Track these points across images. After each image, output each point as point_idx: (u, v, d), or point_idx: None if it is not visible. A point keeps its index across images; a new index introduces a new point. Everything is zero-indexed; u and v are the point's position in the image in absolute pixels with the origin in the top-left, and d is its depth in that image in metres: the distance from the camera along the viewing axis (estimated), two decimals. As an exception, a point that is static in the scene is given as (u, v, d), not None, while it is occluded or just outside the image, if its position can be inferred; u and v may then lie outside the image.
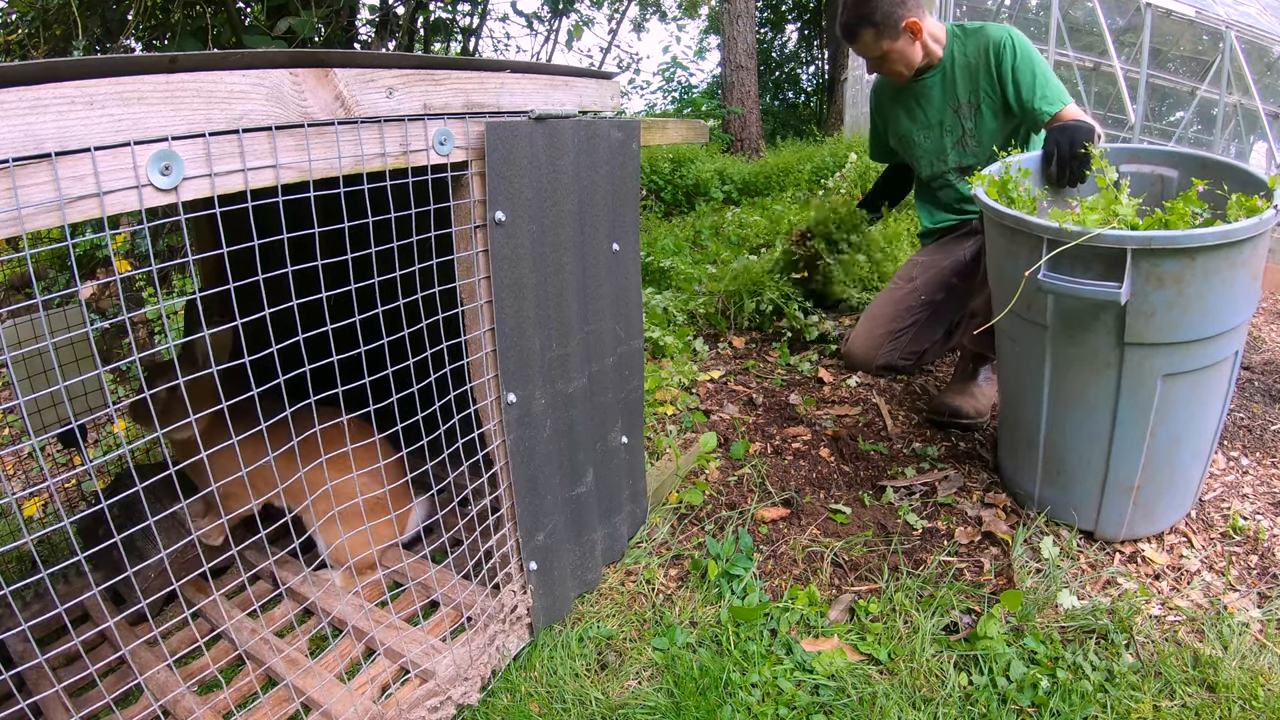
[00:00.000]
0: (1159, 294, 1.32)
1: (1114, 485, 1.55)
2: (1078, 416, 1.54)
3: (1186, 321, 1.35)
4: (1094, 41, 4.45)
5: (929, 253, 2.48)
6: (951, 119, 2.27)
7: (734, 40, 7.31)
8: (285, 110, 0.86)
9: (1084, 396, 1.51)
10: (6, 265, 2.30)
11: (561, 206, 1.26)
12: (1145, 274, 1.31)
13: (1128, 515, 1.57)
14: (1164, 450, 1.50)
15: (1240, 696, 1.21)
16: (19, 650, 1.37)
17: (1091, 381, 1.48)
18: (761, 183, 5.72)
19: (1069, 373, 1.51)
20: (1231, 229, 1.26)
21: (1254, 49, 4.19)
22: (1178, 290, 1.32)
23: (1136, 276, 1.31)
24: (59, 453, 2.11)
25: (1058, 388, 1.55)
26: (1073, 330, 1.45)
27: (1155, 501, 1.57)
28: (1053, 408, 1.57)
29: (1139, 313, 1.35)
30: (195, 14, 2.97)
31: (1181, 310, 1.34)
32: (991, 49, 2.11)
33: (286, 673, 1.26)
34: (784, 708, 1.27)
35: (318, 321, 1.01)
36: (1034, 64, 2.06)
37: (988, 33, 2.14)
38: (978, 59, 2.16)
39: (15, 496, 1.94)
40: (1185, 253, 1.28)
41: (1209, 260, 1.29)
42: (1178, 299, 1.33)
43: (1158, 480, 1.54)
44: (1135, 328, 1.37)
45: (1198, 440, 1.54)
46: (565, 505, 1.43)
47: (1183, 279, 1.30)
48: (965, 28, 2.20)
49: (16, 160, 0.66)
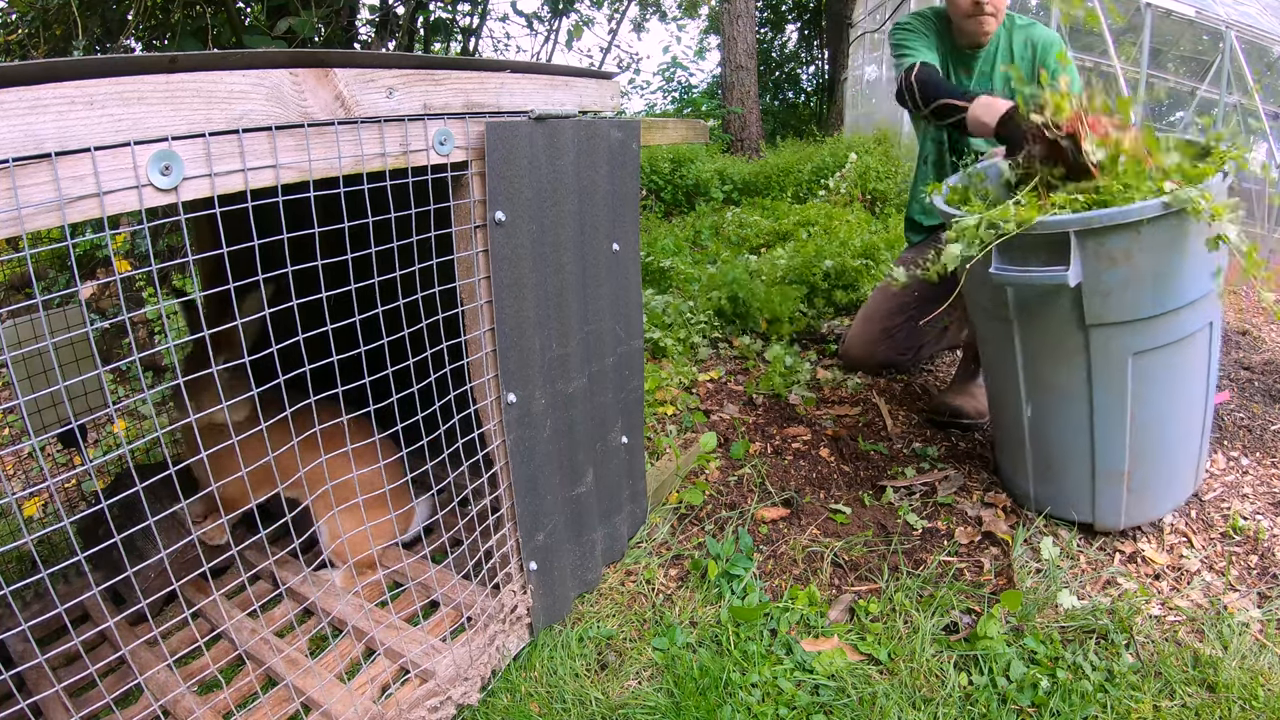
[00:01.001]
0: (1111, 273, 1.33)
1: (1103, 473, 1.55)
2: (1056, 406, 1.55)
3: (1145, 297, 1.35)
4: (1094, 41, 4.45)
5: (918, 249, 2.48)
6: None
7: (734, 40, 7.32)
8: (285, 110, 0.86)
9: (1058, 385, 1.52)
10: (6, 265, 2.30)
11: (561, 206, 1.26)
12: (1094, 254, 1.32)
13: (1123, 502, 1.56)
14: (1148, 432, 1.50)
15: (1240, 696, 1.21)
16: (19, 650, 1.37)
17: (1063, 369, 1.49)
18: (761, 183, 5.73)
19: (1040, 363, 1.52)
20: (1170, 199, 1.25)
21: (1254, 49, 4.19)
22: (1129, 267, 1.32)
23: (1085, 258, 1.32)
24: (59, 453, 2.11)
25: (1033, 380, 1.56)
26: (1035, 320, 1.47)
27: (1150, 485, 1.56)
28: (1032, 401, 1.58)
29: (1095, 293, 1.36)
30: (195, 14, 2.97)
31: (1137, 286, 1.34)
32: (1041, 47, 2.07)
33: (286, 673, 1.26)
34: (784, 708, 1.27)
35: (318, 321, 1.01)
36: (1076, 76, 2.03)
37: (1040, 31, 2.10)
38: (1023, 53, 2.11)
39: (15, 496, 1.94)
40: (1129, 228, 1.28)
41: (1155, 233, 1.29)
42: (1131, 275, 1.33)
43: (1148, 463, 1.53)
44: (1094, 309, 1.37)
45: (1184, 419, 1.53)
46: (565, 505, 1.43)
47: (1131, 254, 1.31)
48: (1016, 20, 2.14)
49: (16, 160, 0.66)
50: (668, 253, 3.74)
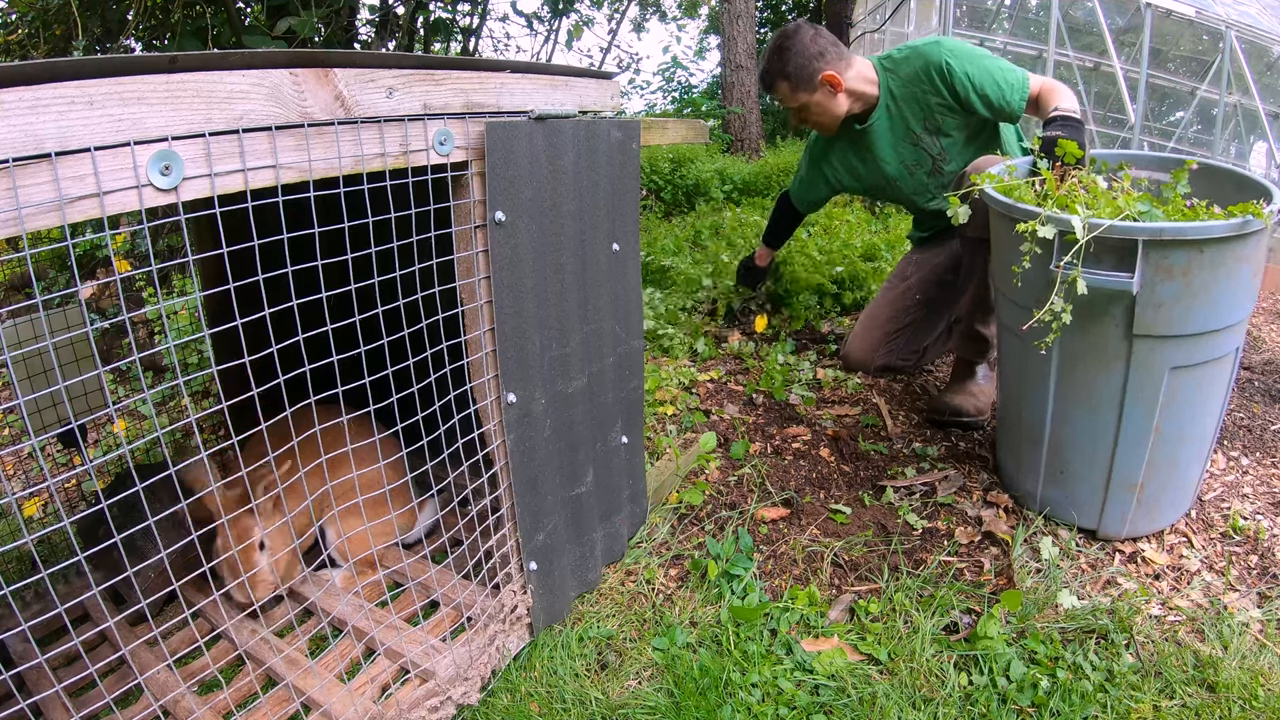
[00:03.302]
0: (1167, 285, 1.35)
1: (1118, 483, 1.55)
2: (1084, 412, 1.54)
3: (1194, 314, 1.38)
4: (1094, 41, 4.45)
5: (922, 250, 2.48)
6: (912, 153, 2.19)
7: (734, 40, 7.31)
8: (285, 110, 0.86)
9: (1091, 391, 1.52)
10: (6, 265, 2.30)
11: (561, 206, 1.26)
12: (1154, 265, 1.34)
13: (1131, 513, 1.57)
14: (1168, 447, 1.51)
15: (1240, 696, 1.21)
16: (19, 650, 1.37)
17: (1100, 375, 1.49)
18: (762, 183, 5.72)
19: (1077, 367, 1.52)
20: (1240, 222, 1.30)
21: (1254, 49, 4.19)
22: (1185, 282, 1.35)
23: (1146, 268, 1.34)
24: (59, 453, 2.11)
25: (1065, 383, 1.55)
26: (1083, 322, 1.47)
27: (1158, 499, 1.57)
28: (1059, 404, 1.58)
29: (1148, 304, 1.37)
30: (195, 14, 2.97)
31: (1189, 302, 1.37)
32: (933, 70, 2.02)
33: (286, 673, 1.26)
34: (784, 708, 1.27)
35: (318, 322, 1.01)
36: (984, 66, 1.98)
37: (921, 53, 2.05)
38: (918, 84, 2.07)
39: (15, 496, 1.94)
40: (1194, 244, 1.32)
41: (1216, 253, 1.33)
42: (1185, 291, 1.35)
43: (1160, 478, 1.54)
44: (1144, 319, 1.39)
45: (1200, 438, 1.55)
46: (565, 505, 1.43)
47: (1190, 271, 1.34)
48: (893, 57, 2.11)
49: (16, 160, 0.66)
50: (668, 253, 3.73)
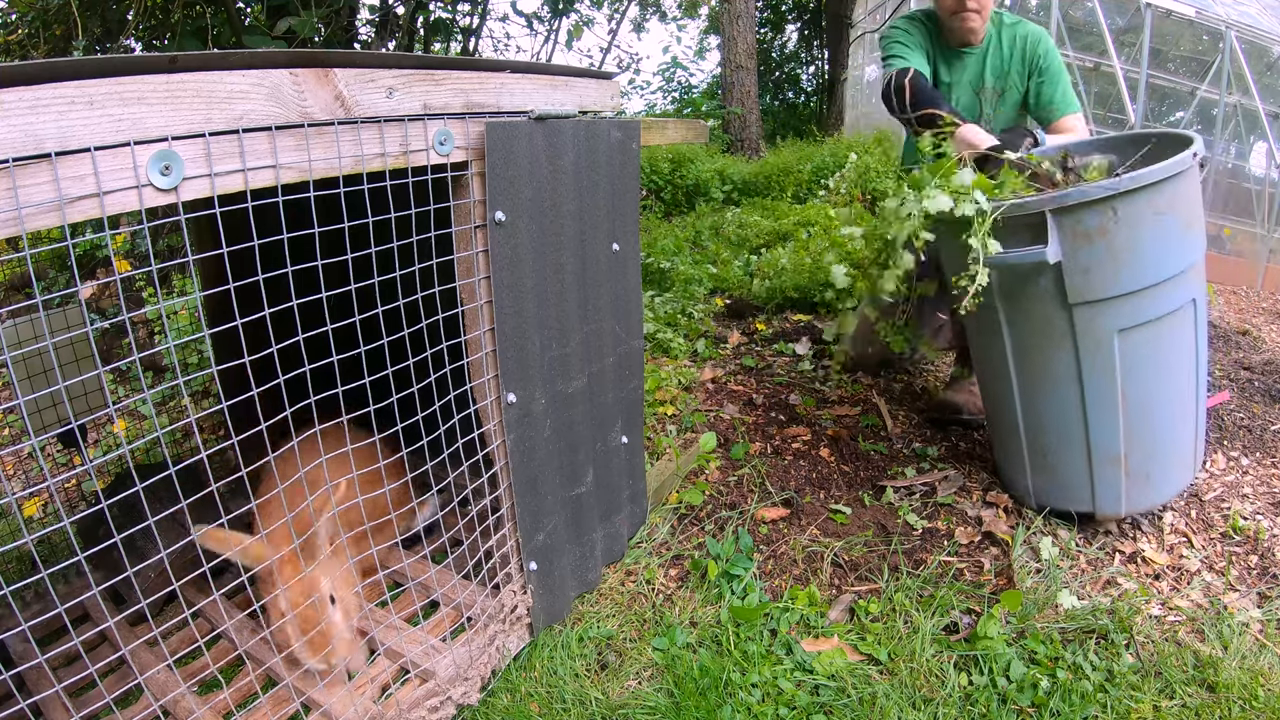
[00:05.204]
0: (1088, 250, 1.40)
1: (1100, 457, 1.55)
2: (1047, 391, 1.56)
3: (1124, 273, 1.41)
4: (1094, 41, 4.45)
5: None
6: (972, 100, 2.26)
7: (734, 40, 7.31)
8: (285, 110, 0.86)
9: (1048, 369, 1.54)
10: (6, 265, 2.30)
11: (561, 206, 1.26)
12: (1070, 232, 1.39)
13: (1123, 487, 1.57)
14: (1142, 412, 1.51)
15: (1240, 696, 1.21)
16: (19, 650, 1.37)
17: (1052, 352, 1.52)
18: (761, 183, 5.72)
19: (1029, 348, 1.54)
20: (1141, 174, 1.34)
21: (1254, 49, 4.19)
22: (1105, 243, 1.39)
23: (1063, 237, 1.39)
24: (59, 453, 2.11)
25: (1022, 365, 1.58)
26: (1020, 304, 1.51)
27: (1148, 468, 1.56)
28: (1022, 387, 1.60)
29: (1074, 270, 1.42)
30: (195, 14, 2.97)
31: (1114, 262, 1.40)
32: (1031, 41, 2.13)
33: (286, 673, 1.26)
34: (784, 708, 1.27)
35: (318, 322, 1.01)
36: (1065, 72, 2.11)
37: (1028, 26, 2.15)
38: (1014, 49, 2.16)
39: (15, 496, 1.94)
40: (1102, 203, 1.36)
41: (1128, 208, 1.36)
42: (1108, 251, 1.39)
43: (1144, 446, 1.54)
44: (1075, 286, 1.43)
45: (1177, 398, 1.55)
46: (565, 505, 1.43)
47: (1107, 231, 1.38)
48: (1005, 18, 2.20)
49: (16, 160, 0.66)
50: (668, 253, 3.73)
